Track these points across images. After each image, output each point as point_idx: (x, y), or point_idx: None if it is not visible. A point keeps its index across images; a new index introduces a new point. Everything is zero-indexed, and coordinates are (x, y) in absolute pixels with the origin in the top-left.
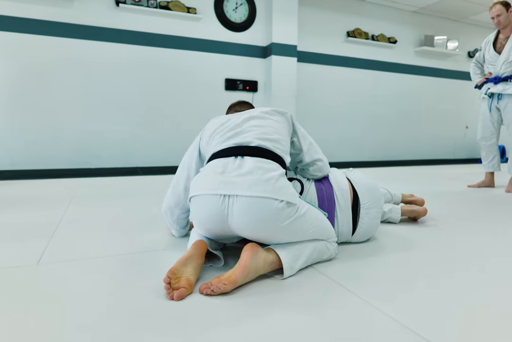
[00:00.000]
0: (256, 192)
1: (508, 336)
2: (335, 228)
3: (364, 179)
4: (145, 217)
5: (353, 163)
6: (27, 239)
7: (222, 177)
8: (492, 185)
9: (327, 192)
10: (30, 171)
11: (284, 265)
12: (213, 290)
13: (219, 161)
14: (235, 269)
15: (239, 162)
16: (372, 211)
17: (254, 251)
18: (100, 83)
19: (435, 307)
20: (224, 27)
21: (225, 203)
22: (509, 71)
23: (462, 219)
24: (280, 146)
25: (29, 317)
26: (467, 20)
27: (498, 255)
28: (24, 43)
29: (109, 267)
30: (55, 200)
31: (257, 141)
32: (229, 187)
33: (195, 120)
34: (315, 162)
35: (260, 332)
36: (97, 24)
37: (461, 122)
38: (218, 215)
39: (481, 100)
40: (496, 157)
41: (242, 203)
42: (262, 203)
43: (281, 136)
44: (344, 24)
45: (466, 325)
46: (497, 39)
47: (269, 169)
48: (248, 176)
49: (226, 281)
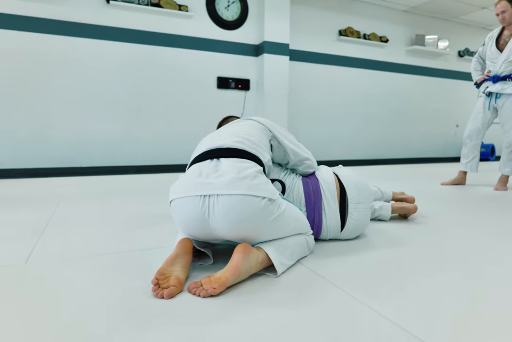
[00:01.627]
0: (236, 190)
1: (498, 333)
2: (323, 222)
3: (352, 175)
4: (136, 215)
5: (345, 162)
6: (15, 238)
7: (199, 179)
8: (464, 182)
9: (313, 186)
10: (19, 169)
11: (275, 262)
12: (200, 294)
13: (195, 167)
14: (226, 269)
15: (215, 164)
16: (360, 206)
17: (246, 252)
18: (90, 81)
19: (423, 303)
20: (216, 25)
21: (206, 204)
22: (508, 70)
23: (452, 217)
24: (255, 146)
25: (15, 317)
26: (457, 19)
27: (488, 252)
28: (12, 40)
29: (99, 266)
30: (44, 199)
31: (230, 142)
32: (207, 187)
33: (187, 119)
34: (303, 161)
35: (249, 329)
36: (88, 21)
37: (451, 121)
38: (199, 218)
39: (478, 98)
40: (476, 158)
41: (223, 202)
42: (244, 201)
43: (254, 137)
44: (336, 22)
45: (451, 320)
46: (501, 36)
47: (245, 168)
48: (225, 175)
49: (216, 284)
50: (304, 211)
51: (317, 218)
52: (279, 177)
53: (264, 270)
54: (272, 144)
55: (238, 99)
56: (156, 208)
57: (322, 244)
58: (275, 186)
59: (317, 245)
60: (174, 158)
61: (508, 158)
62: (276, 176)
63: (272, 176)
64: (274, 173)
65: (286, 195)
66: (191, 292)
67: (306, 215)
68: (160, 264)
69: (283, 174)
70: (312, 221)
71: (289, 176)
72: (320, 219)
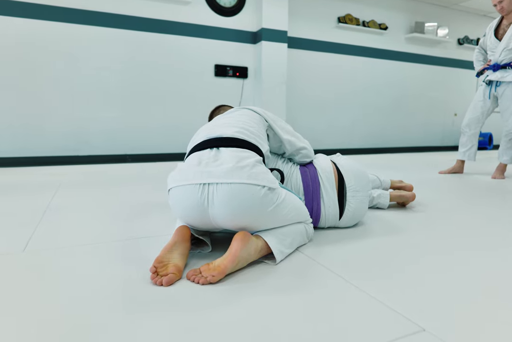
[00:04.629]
0: (235, 179)
1: (496, 318)
2: (322, 210)
3: (350, 163)
4: (134, 204)
5: (343, 150)
6: (13, 226)
7: (198, 167)
8: (461, 171)
9: (312, 174)
10: (17, 158)
11: (274, 251)
12: (199, 281)
13: (194, 155)
14: (225, 257)
15: (215, 153)
16: (358, 194)
17: (245, 240)
18: (87, 70)
19: (421, 290)
20: (213, 12)
21: (205, 193)
22: (508, 58)
23: (450, 204)
24: (254, 135)
25: (13, 306)
26: (457, 7)
27: (486, 239)
28: (7, 27)
29: (97, 254)
30: (42, 187)
31: (230, 132)
32: (207, 175)
33: (185, 107)
34: (299, 151)
35: (248, 315)
36: (83, 7)
37: (450, 110)
38: (198, 207)
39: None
40: (474, 147)
41: (223, 191)
42: (244, 190)
43: (253, 127)
44: (335, 9)
45: (446, 305)
46: (500, 25)
47: (245, 157)
48: (225, 164)
49: (214, 272)
50: (303, 199)
51: (315, 206)
52: (276, 165)
53: (263, 257)
54: (268, 135)
55: (235, 87)
56: (154, 196)
57: (320, 232)
58: (274, 175)
59: (315, 233)
60: (171, 147)
61: (507, 147)
62: (273, 165)
63: (269, 165)
64: (271, 161)
65: (284, 183)
66: (190, 279)
67: (305, 203)
68: (158, 252)
69: (280, 162)
70: (311, 210)
71: (287, 164)
72: (319, 207)
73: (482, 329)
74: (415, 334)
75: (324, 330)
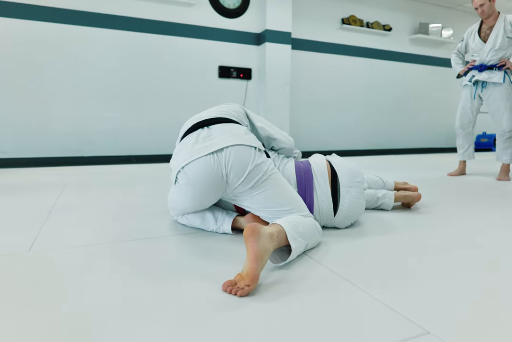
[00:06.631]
0: (236, 141)
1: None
2: (315, 203)
3: (344, 162)
4: (139, 204)
5: (346, 152)
6: (19, 227)
7: (197, 145)
8: (464, 172)
9: (305, 167)
10: (22, 159)
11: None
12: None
13: (188, 137)
14: (247, 259)
15: (207, 131)
16: (352, 190)
17: (256, 232)
18: (90, 70)
19: (426, 293)
20: (218, 13)
21: (221, 159)
22: (495, 59)
23: (455, 206)
24: (238, 116)
25: (19, 305)
26: (462, 7)
27: (492, 241)
28: (9, 28)
29: (102, 254)
30: (47, 188)
31: (215, 114)
32: (210, 147)
33: (189, 109)
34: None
35: (251, 318)
36: (86, 9)
37: (453, 111)
38: (217, 172)
39: (462, 87)
40: (471, 147)
41: (234, 151)
42: (246, 150)
43: (235, 111)
44: (339, 11)
45: (449, 307)
46: (481, 29)
47: (235, 128)
48: (220, 135)
49: (247, 281)
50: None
51: (308, 197)
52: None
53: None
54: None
55: (239, 88)
56: (159, 197)
57: (324, 234)
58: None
59: None
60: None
61: (504, 147)
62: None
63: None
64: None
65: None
66: (227, 291)
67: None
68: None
69: (274, 156)
70: (303, 201)
71: (278, 156)
72: (312, 198)
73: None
74: (419, 336)
75: (329, 333)
